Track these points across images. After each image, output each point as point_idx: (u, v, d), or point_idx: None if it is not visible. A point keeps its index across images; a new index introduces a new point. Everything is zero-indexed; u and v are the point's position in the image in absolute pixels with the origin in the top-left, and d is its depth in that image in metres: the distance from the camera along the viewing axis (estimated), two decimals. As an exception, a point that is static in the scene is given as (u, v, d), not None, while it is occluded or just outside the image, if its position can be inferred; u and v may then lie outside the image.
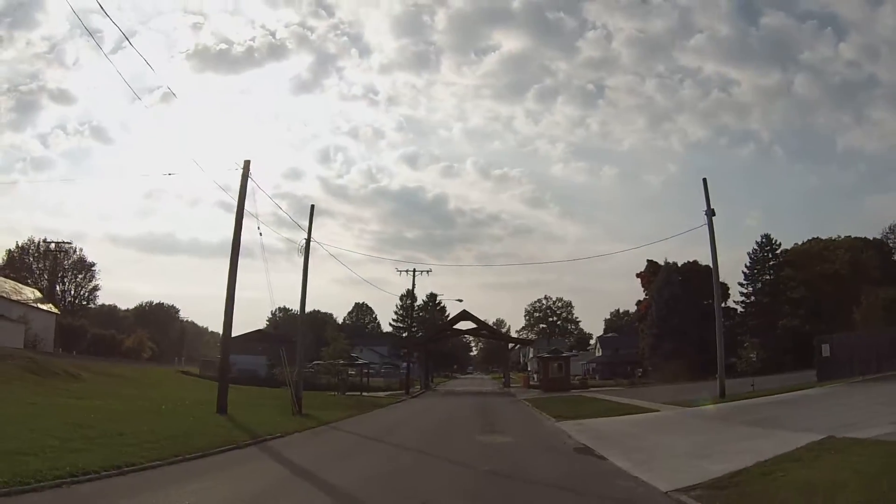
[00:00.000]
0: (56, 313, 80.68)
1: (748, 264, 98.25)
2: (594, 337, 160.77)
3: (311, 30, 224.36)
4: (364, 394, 64.60)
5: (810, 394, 34.97)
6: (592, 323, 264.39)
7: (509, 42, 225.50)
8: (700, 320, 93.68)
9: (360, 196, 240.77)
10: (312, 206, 44.19)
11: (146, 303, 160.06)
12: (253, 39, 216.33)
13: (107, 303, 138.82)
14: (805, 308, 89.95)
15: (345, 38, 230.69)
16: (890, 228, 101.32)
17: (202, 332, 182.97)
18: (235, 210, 34.60)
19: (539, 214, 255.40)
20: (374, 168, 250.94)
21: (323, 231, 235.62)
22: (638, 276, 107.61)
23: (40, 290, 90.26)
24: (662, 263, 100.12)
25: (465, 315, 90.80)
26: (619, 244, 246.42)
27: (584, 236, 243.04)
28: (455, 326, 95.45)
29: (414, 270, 78.51)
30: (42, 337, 70.24)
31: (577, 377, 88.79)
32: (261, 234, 37.41)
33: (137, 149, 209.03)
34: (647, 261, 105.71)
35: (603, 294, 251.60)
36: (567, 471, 17.20)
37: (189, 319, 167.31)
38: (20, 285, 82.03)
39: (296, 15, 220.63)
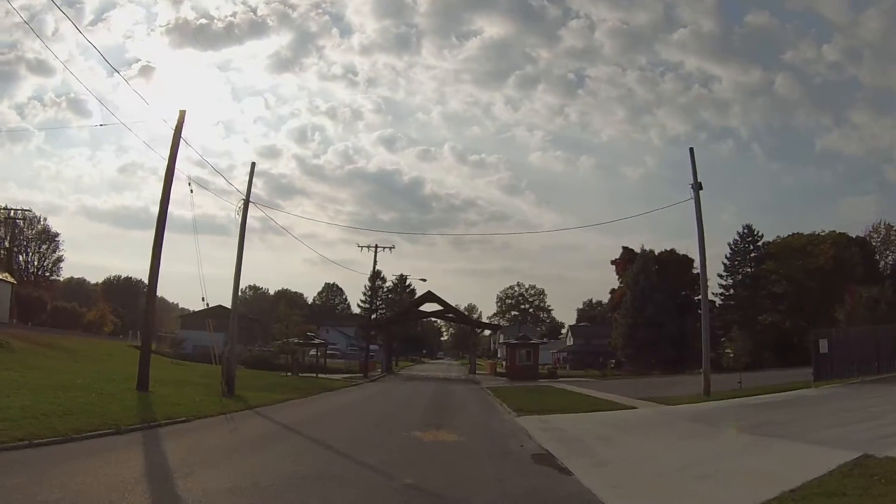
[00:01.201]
0: (12, 283, 76.70)
1: (728, 255, 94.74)
2: (572, 321, 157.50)
3: (293, 7, 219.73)
4: (320, 376, 61.17)
5: (808, 395, 31.11)
6: (565, 312, 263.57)
7: (492, 28, 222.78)
8: (677, 312, 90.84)
9: (336, 177, 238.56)
10: (253, 164, 40.24)
11: (114, 276, 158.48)
12: (234, 15, 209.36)
13: (76, 276, 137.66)
14: (787, 303, 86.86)
15: (326, 17, 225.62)
16: (873, 227, 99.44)
17: (172, 307, 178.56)
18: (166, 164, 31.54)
19: (515, 202, 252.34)
20: (351, 149, 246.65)
21: (298, 210, 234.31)
22: (613, 262, 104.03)
23: None
24: (638, 251, 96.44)
25: (430, 296, 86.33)
26: (595, 234, 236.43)
27: (560, 225, 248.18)
28: (421, 309, 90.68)
29: (376, 247, 74.04)
30: None
31: (546, 366, 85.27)
32: (192, 191, 33.14)
33: (114, 122, 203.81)
34: (623, 247, 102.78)
35: (576, 283, 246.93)
36: (516, 491, 12.75)
37: (158, 295, 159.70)
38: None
39: None
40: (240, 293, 39.29)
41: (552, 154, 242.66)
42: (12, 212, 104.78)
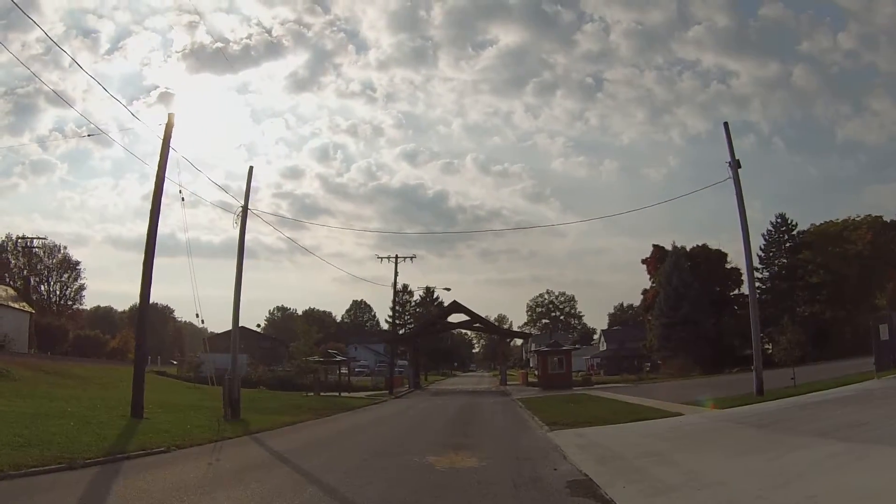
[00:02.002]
0: (30, 312, 74.76)
1: (763, 246, 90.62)
2: (604, 325, 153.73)
3: (308, 27, 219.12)
4: (343, 394, 58.35)
5: (876, 387, 27.59)
6: (596, 318, 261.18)
7: (507, 36, 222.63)
8: (712, 309, 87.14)
9: (360, 194, 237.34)
10: (251, 169, 37.97)
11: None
12: (249, 37, 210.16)
13: (103, 304, 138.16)
14: (825, 293, 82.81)
15: (341, 35, 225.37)
16: None
17: (200, 331, 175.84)
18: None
19: (540, 209, 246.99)
20: (374, 165, 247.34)
21: (323, 230, 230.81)
22: (643, 262, 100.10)
23: (16, 289, 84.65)
24: (669, 248, 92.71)
25: (456, 307, 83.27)
26: (621, 238, 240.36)
27: (586, 230, 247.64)
28: (448, 320, 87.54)
29: (396, 257, 71.33)
30: (12, 337, 64.57)
31: (579, 373, 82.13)
32: (183, 199, 30.62)
33: (136, 150, 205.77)
34: (653, 245, 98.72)
35: (606, 288, 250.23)
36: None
37: (186, 321, 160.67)
38: (-13, 283, 76.20)
39: (291, 12, 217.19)
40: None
41: (574, 160, 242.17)
42: (28, 241, 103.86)
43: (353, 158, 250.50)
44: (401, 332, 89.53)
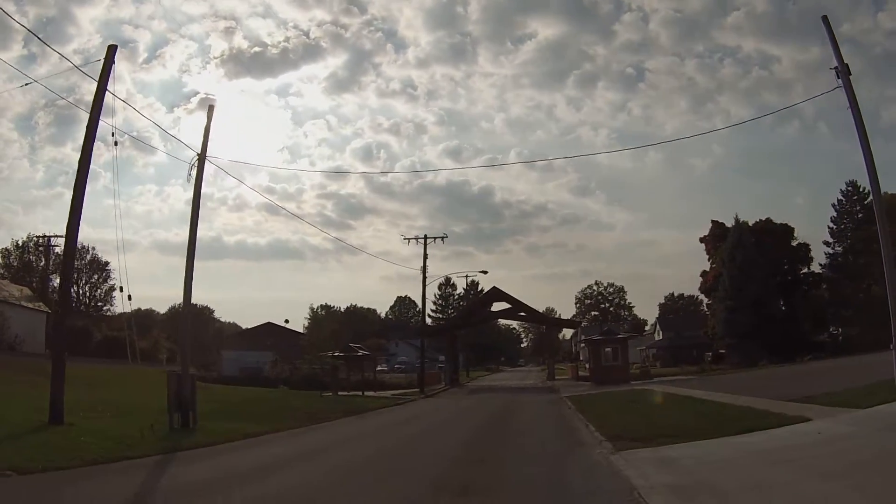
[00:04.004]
0: (46, 312, 70.87)
1: (834, 217, 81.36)
2: (652, 321, 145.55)
3: (345, 27, 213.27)
4: (368, 393, 51.75)
5: None
6: (647, 310, 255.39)
7: (545, 29, 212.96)
8: (781, 290, 78.57)
9: (405, 192, 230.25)
10: (210, 108, 30.20)
11: (178, 304, 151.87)
12: (287, 41, 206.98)
13: (143, 307, 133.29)
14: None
15: (379, 34, 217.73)
16: None
17: (228, 327, 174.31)
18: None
19: (586, 203, 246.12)
20: (417, 163, 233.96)
21: (370, 231, 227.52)
22: (701, 240, 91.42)
23: (33, 290, 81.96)
24: (730, 225, 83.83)
25: (497, 294, 75.00)
26: (667, 230, 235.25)
27: (633, 222, 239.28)
28: (489, 310, 79.56)
29: (425, 237, 62.95)
30: (24, 337, 62.32)
31: (635, 365, 73.58)
32: (116, 142, 26.66)
33: (180, 155, 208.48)
34: (712, 221, 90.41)
35: (655, 281, 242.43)
36: None
37: (230, 321, 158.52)
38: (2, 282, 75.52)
39: (328, 14, 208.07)
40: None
41: (620, 151, 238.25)
42: (47, 239, 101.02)
43: (397, 157, 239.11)
44: (443, 323, 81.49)
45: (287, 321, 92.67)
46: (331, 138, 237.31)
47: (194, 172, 28.25)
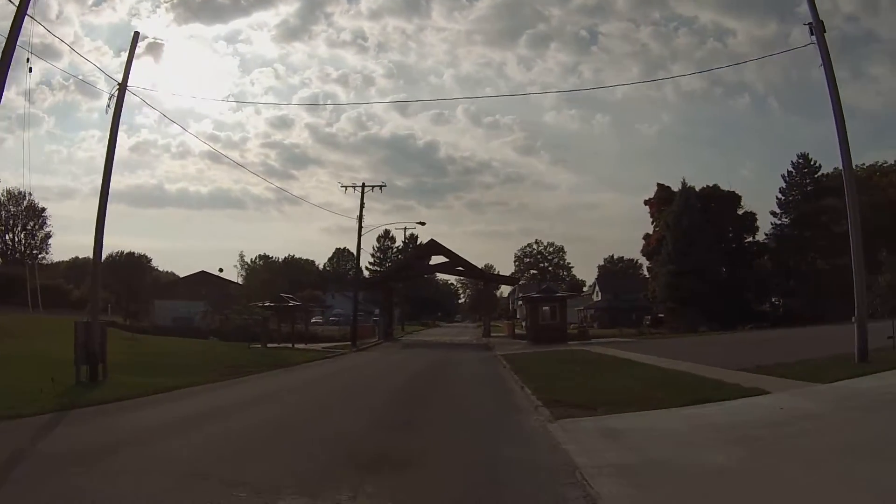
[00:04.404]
0: None
1: (783, 189, 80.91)
2: (592, 280, 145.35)
3: None
4: (297, 346, 50.04)
5: None
6: (586, 271, 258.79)
7: None
8: (725, 258, 77.88)
9: (349, 144, 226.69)
10: (135, 35, 27.20)
11: (116, 252, 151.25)
12: None
13: (81, 256, 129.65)
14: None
15: None
16: None
17: (167, 276, 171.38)
18: None
19: (531, 162, 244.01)
20: (364, 115, 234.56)
21: (313, 181, 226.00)
22: (646, 202, 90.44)
23: None
24: (677, 190, 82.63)
25: (434, 247, 72.76)
26: (613, 193, 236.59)
27: (576, 184, 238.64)
28: (425, 263, 77.52)
29: (363, 185, 60.55)
30: None
31: (572, 325, 72.14)
32: (30, 69, 22.41)
33: (125, 101, 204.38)
34: (658, 184, 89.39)
35: (596, 243, 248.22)
36: None
37: (169, 271, 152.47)
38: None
39: None
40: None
41: (567, 113, 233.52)
42: None
43: (344, 108, 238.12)
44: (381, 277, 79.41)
45: (221, 270, 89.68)
46: (278, 87, 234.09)
47: (113, 103, 25.54)
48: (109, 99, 25.49)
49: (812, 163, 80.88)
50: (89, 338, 22.62)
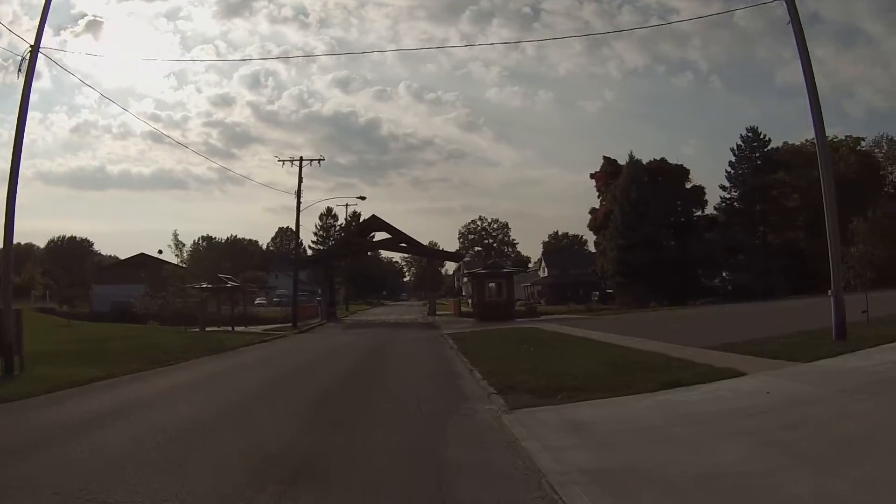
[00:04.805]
0: None
1: (732, 162, 79.69)
2: (537, 257, 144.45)
3: None
4: (239, 328, 47.64)
5: None
6: (531, 248, 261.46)
7: None
8: (674, 232, 76.59)
9: (291, 122, 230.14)
10: None
11: (58, 237, 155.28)
12: None
13: (23, 242, 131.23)
14: (804, 220, 71.79)
15: None
16: (874, 141, 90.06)
17: (106, 259, 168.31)
18: None
19: (473, 139, 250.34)
20: (305, 93, 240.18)
21: (255, 160, 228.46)
22: (592, 176, 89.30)
23: None
24: (623, 163, 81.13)
25: (376, 223, 70.25)
26: (556, 169, 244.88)
27: (519, 161, 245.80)
28: (368, 239, 75.12)
29: (301, 159, 57.94)
30: None
31: (520, 302, 70.65)
32: None
33: (64, 81, 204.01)
34: (604, 158, 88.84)
35: (541, 220, 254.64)
36: None
37: (111, 254, 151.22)
38: None
39: None
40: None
41: (510, 89, 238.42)
42: None
43: (285, 86, 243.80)
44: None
45: (160, 252, 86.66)
46: (218, 65, 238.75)
47: (25, 66, 23.09)
48: (21, 62, 23.07)
49: (762, 136, 79.80)
50: (1, 327, 20.64)
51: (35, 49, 23.10)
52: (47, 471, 9.22)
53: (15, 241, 23.50)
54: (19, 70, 23.15)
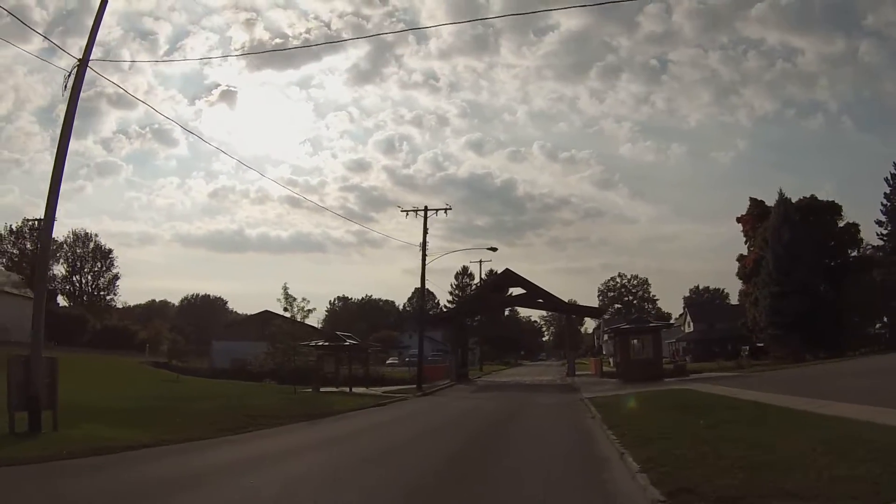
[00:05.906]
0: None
1: (887, 193, 70.98)
2: (678, 312, 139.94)
3: (366, 18, 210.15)
4: (357, 389, 45.71)
5: None
6: (671, 304, 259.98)
7: (568, 20, 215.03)
8: (829, 275, 68.84)
9: (427, 185, 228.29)
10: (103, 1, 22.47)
11: (191, 295, 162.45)
12: (308, 32, 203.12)
13: (158, 299, 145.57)
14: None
15: (401, 25, 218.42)
16: None
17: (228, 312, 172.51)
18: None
19: (609, 196, 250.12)
20: (440, 156, 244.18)
21: (392, 224, 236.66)
22: (738, 220, 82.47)
23: (24, 275, 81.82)
24: (771, 204, 74.27)
25: (509, 277, 66.13)
26: (690, 224, 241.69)
27: (655, 216, 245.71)
28: (501, 296, 71.18)
29: (426, 209, 54.72)
30: (8, 326, 59.15)
31: (665, 359, 64.96)
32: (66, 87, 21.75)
33: (201, 148, 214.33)
34: (750, 199, 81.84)
35: (678, 276, 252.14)
36: None
37: (244, 313, 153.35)
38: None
39: (349, 4, 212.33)
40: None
41: (642, 144, 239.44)
42: (35, 223, 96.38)
43: (419, 149, 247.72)
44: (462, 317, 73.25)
45: (286, 309, 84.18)
46: (353, 130, 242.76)
47: (71, 81, 21.71)
48: (66, 77, 21.68)
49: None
50: (29, 378, 18.37)
51: (84, 63, 21.86)
52: None
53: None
54: (65, 87, 21.82)
